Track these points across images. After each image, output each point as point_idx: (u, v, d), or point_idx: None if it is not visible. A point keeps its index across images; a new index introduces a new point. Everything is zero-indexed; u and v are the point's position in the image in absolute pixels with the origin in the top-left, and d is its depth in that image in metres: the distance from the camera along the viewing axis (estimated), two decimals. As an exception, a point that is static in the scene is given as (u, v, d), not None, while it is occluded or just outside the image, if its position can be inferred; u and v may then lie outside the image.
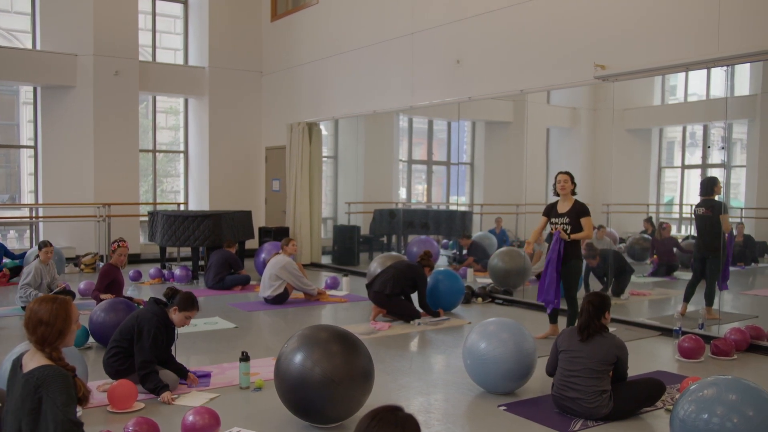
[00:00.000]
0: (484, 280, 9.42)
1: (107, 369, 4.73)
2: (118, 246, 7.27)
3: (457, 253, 11.45)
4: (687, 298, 7.45)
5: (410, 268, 7.40)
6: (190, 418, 3.84)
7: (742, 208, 11.37)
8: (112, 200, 11.94)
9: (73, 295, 7.54)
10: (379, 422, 2.08)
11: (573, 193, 6.38)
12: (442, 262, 11.58)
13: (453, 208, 12.33)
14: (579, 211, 6.23)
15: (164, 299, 4.81)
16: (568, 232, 6.22)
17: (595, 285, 8.67)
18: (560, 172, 6.39)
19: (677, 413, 3.35)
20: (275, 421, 4.19)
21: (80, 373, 4.01)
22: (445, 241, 12.60)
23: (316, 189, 12.40)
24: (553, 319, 6.50)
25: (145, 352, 4.56)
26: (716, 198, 7.18)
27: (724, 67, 6.80)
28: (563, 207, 6.33)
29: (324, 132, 13.25)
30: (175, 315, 4.71)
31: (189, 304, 4.73)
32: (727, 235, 6.98)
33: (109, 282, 7.22)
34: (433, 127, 13.54)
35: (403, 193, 13.91)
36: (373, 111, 11.05)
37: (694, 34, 6.53)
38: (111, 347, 4.73)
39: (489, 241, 11.34)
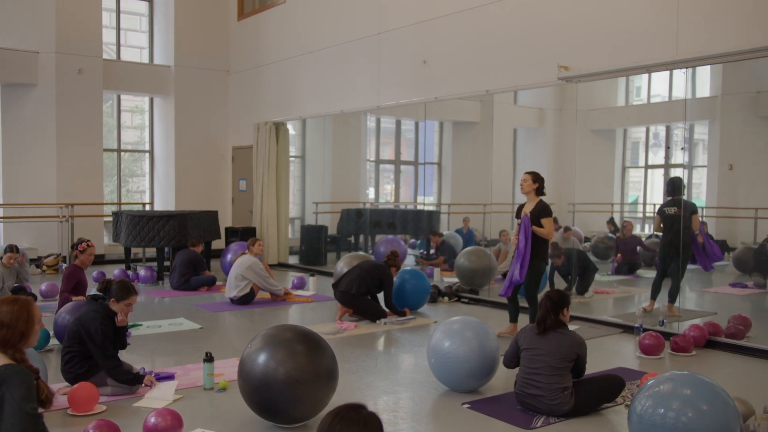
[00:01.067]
0: (451, 279, 9.48)
1: (66, 376, 4.65)
2: (87, 246, 7.12)
3: (425, 252, 11.51)
4: (654, 296, 7.58)
5: (376, 267, 7.41)
6: (152, 419, 3.80)
7: (703, 208, 11.61)
8: (76, 200, 11.76)
9: (34, 296, 7.42)
10: (342, 420, 2.09)
11: (541, 192, 6.42)
12: (409, 262, 11.63)
13: (420, 207, 12.39)
14: (540, 211, 6.29)
15: (101, 294, 4.74)
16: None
17: (560, 284, 8.78)
18: (526, 172, 6.46)
19: (635, 408, 3.42)
20: (239, 422, 4.18)
21: (41, 375, 3.95)
22: (412, 240, 12.64)
23: (283, 189, 12.36)
24: (513, 318, 6.56)
25: (102, 349, 4.51)
26: (682, 198, 7.33)
27: (684, 70, 6.94)
28: (528, 207, 6.40)
29: (292, 132, 13.21)
30: (115, 306, 4.65)
31: (125, 291, 4.66)
32: (697, 232, 7.14)
33: (75, 283, 7.11)
34: (401, 127, 13.58)
35: (371, 192, 13.92)
36: (341, 111, 11.04)
37: (655, 37, 6.64)
38: (65, 354, 4.65)
39: (455, 240, 11.43)
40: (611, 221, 11.81)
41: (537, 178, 6.38)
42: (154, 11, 13.60)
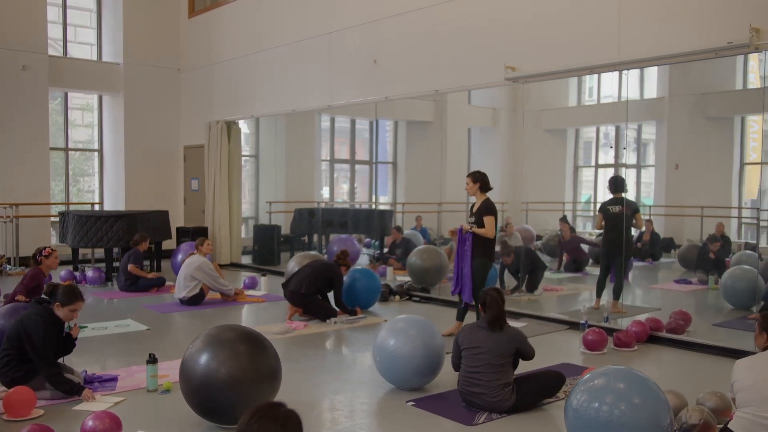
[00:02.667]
0: (404, 278, 9.51)
1: (2, 378, 4.53)
2: (52, 250, 7.10)
3: (379, 252, 11.52)
4: (599, 294, 7.74)
5: (326, 267, 7.41)
6: (90, 423, 3.73)
7: (650, 206, 11.89)
8: (21, 200, 11.46)
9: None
10: (260, 419, 2.07)
11: (486, 189, 6.49)
12: (363, 261, 11.64)
13: (371, 206, 12.41)
14: (483, 209, 6.36)
15: (47, 297, 4.65)
16: (472, 227, 6.35)
17: (510, 282, 8.90)
18: (467, 175, 6.54)
19: (571, 403, 3.48)
20: (181, 424, 4.13)
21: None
22: (367, 240, 12.66)
23: (235, 188, 12.25)
24: (459, 317, 6.62)
25: (42, 355, 4.40)
26: (624, 196, 7.48)
27: (625, 71, 7.10)
28: (475, 206, 6.47)
29: (246, 131, 13.11)
30: (59, 311, 4.56)
31: (71, 297, 4.56)
32: (642, 230, 7.29)
33: (34, 286, 6.97)
34: (356, 126, 13.59)
35: (326, 192, 13.90)
36: (293, 110, 10.99)
37: (598, 39, 6.77)
38: (2, 356, 4.51)
39: (416, 238, 11.45)
40: (564, 219, 12.02)
41: (477, 178, 6.45)
42: (102, 7, 13.33)
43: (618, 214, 7.36)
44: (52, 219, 12.24)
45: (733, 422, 3.38)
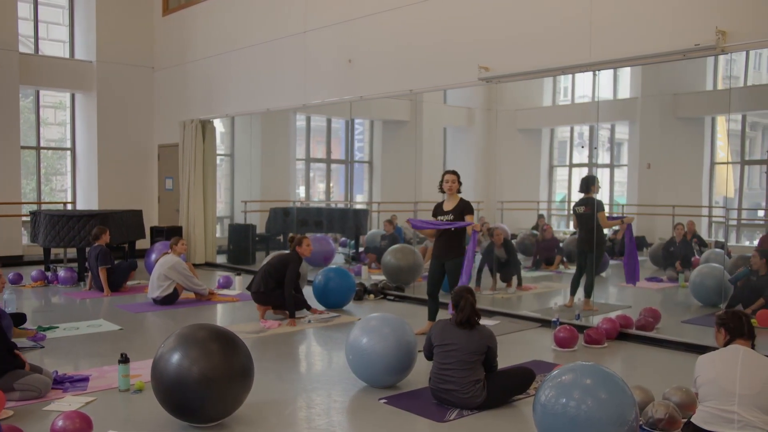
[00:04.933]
0: (379, 277, 9.54)
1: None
2: None
3: (355, 251, 11.53)
4: (573, 291, 7.83)
5: (280, 259, 7.33)
6: (59, 423, 3.70)
7: (623, 205, 12.03)
8: (-9, 199, 11.33)
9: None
10: None
11: (458, 191, 6.55)
12: (338, 260, 11.65)
13: (345, 205, 12.42)
14: (463, 208, 6.41)
15: None
16: (452, 229, 6.39)
17: (486, 280, 8.97)
18: (447, 172, 6.55)
19: (539, 398, 3.54)
20: (153, 423, 4.12)
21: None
22: (343, 239, 12.66)
23: (210, 187, 12.18)
24: (431, 316, 6.65)
25: None
26: (593, 196, 7.58)
27: (598, 71, 7.19)
28: (449, 205, 6.50)
29: (221, 129, 13.05)
30: None
31: None
32: (606, 230, 7.38)
33: None
34: (332, 125, 13.58)
35: (302, 191, 13.87)
36: (267, 109, 10.97)
37: (570, 40, 6.86)
38: None
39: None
40: (542, 217, 12.18)
41: (459, 178, 6.51)
42: (74, 4, 13.19)
43: (584, 214, 7.47)
44: (24, 218, 12.10)
45: (696, 416, 3.46)
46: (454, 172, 6.54)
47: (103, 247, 8.89)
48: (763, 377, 3.33)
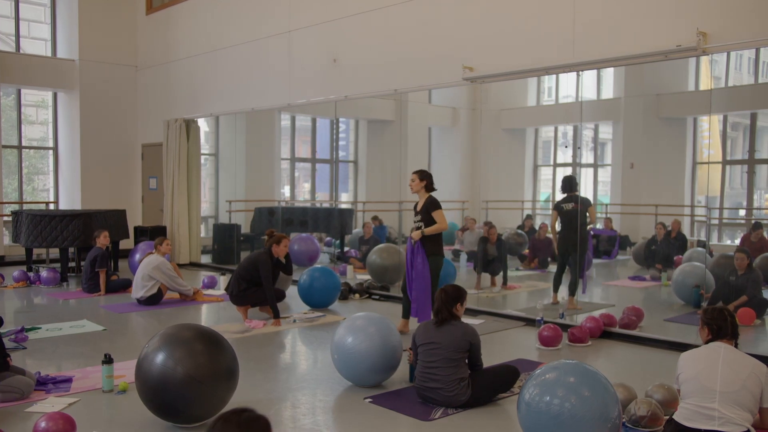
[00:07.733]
0: (364, 277, 9.55)
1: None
2: None
3: (340, 251, 11.53)
4: (555, 289, 7.90)
5: (249, 260, 7.26)
6: (42, 424, 3.68)
7: (607, 204, 12.13)
8: (-28, 199, 11.21)
9: None
10: (224, 424, 2.10)
11: (430, 189, 6.53)
12: (324, 260, 11.64)
13: (330, 205, 12.40)
14: (429, 206, 6.41)
15: None
16: (422, 228, 6.40)
17: (471, 278, 9.01)
18: (413, 171, 6.58)
19: (523, 396, 3.56)
20: (138, 424, 4.10)
21: None
22: (328, 239, 12.65)
23: (194, 187, 12.13)
24: (405, 314, 6.65)
25: None
26: (578, 194, 7.63)
27: (581, 72, 7.24)
28: (418, 205, 6.52)
29: (206, 129, 12.98)
30: None
31: None
32: (596, 224, 7.45)
33: None
34: (317, 125, 13.57)
35: (286, 191, 13.85)
36: (252, 108, 10.93)
37: (554, 40, 6.90)
38: None
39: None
40: (529, 217, 12.26)
41: (424, 176, 6.50)
42: (56, 2, 13.07)
43: (571, 211, 7.52)
44: (5, 218, 11.98)
45: (678, 413, 3.49)
46: (418, 171, 6.54)
47: (102, 250, 8.93)
48: (743, 375, 3.38)
